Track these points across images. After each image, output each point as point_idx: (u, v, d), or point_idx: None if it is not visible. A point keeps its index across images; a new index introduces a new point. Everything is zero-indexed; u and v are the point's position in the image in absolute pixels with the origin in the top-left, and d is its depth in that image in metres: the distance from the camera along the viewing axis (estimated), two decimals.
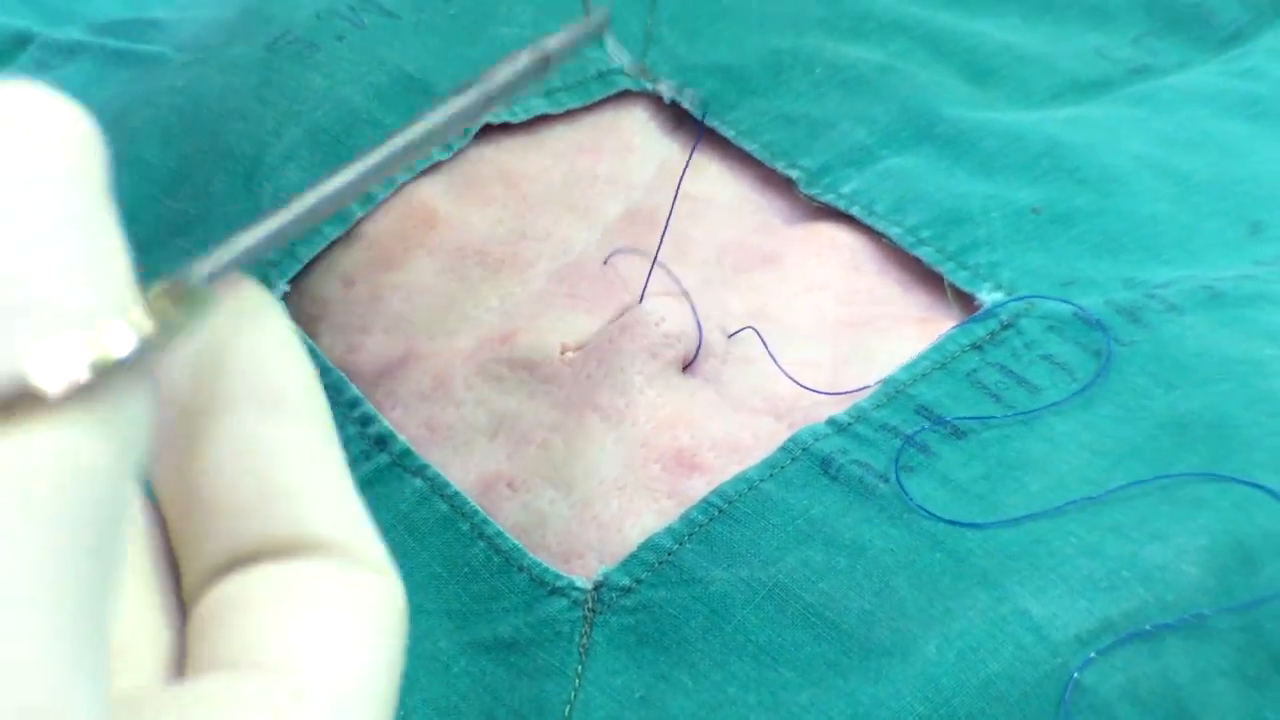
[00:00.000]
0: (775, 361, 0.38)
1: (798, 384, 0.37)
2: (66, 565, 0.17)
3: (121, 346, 0.18)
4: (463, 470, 0.37)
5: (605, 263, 0.41)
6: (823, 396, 0.37)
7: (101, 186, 0.20)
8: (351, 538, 0.22)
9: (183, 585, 0.23)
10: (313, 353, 0.39)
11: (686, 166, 0.40)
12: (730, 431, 0.36)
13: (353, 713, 0.21)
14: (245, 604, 0.22)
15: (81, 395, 0.17)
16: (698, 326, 0.38)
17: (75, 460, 0.17)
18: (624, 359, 0.37)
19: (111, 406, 0.18)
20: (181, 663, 0.22)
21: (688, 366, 0.38)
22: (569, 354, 0.38)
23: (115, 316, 0.18)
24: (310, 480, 0.22)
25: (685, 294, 0.39)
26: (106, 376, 0.18)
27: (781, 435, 0.36)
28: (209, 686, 0.21)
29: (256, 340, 0.23)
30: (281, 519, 0.22)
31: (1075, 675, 0.30)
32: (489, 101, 0.28)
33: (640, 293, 0.39)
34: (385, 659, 0.22)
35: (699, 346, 0.38)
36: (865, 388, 0.37)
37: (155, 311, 0.19)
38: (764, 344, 0.38)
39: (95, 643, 0.17)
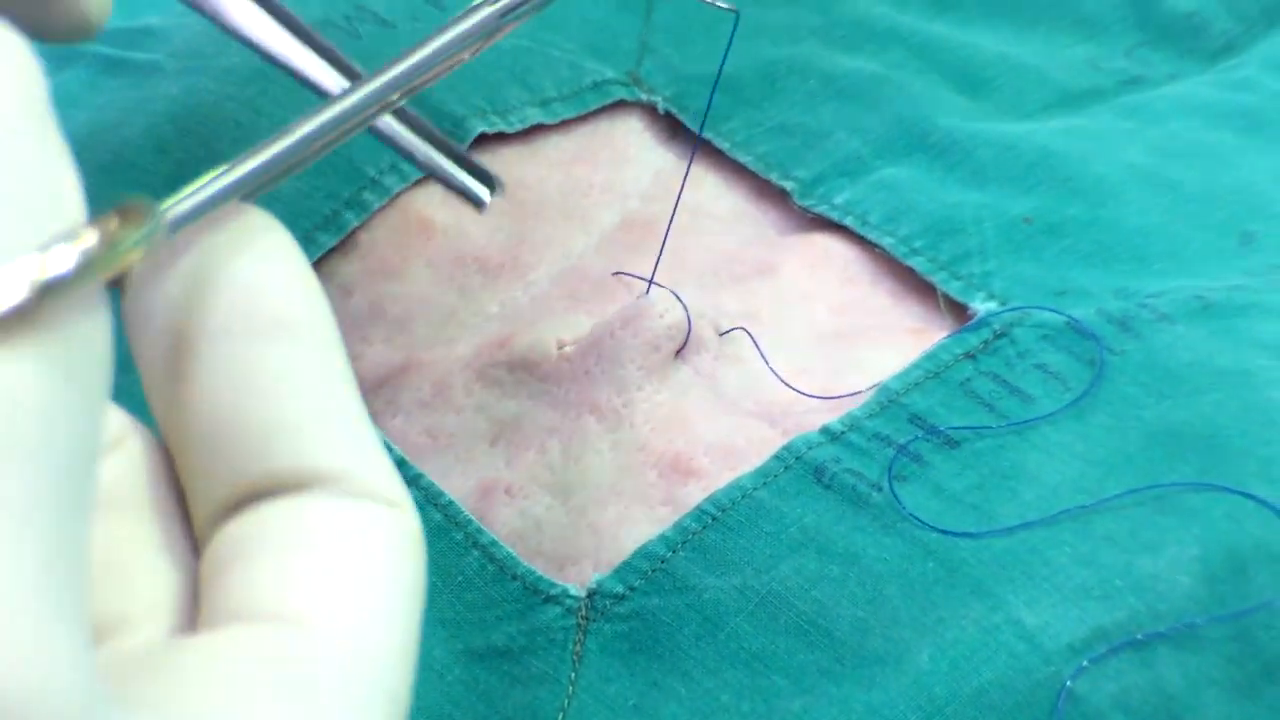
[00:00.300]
0: (765, 360, 0.38)
1: (787, 385, 0.37)
2: (18, 504, 0.16)
3: (63, 265, 0.17)
4: (463, 477, 0.37)
5: (616, 275, 0.41)
6: (815, 403, 0.37)
7: (45, 110, 0.18)
8: (360, 469, 0.21)
9: (193, 524, 0.22)
10: None
11: (685, 179, 0.41)
12: (724, 436, 0.36)
13: (366, 662, 0.20)
14: (251, 548, 0.20)
15: (21, 318, 0.16)
16: (688, 320, 0.38)
17: (13, 387, 0.16)
18: (625, 352, 0.37)
19: (57, 330, 0.17)
20: (196, 608, 0.21)
21: (679, 352, 0.38)
22: (567, 348, 0.38)
23: (60, 239, 0.17)
24: (314, 409, 0.21)
25: (676, 294, 0.39)
26: (48, 297, 0.16)
27: (775, 441, 0.36)
28: (215, 644, 0.20)
29: (255, 260, 0.21)
30: (284, 453, 0.21)
31: (1068, 684, 0.30)
32: (453, 50, 0.28)
33: (642, 290, 0.39)
34: (402, 597, 0.21)
35: (688, 335, 0.38)
36: (857, 393, 0.37)
37: (104, 233, 0.18)
38: (754, 342, 0.38)
39: (64, 588, 0.16)
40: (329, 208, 0.42)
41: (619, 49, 0.47)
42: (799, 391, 0.37)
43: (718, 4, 0.39)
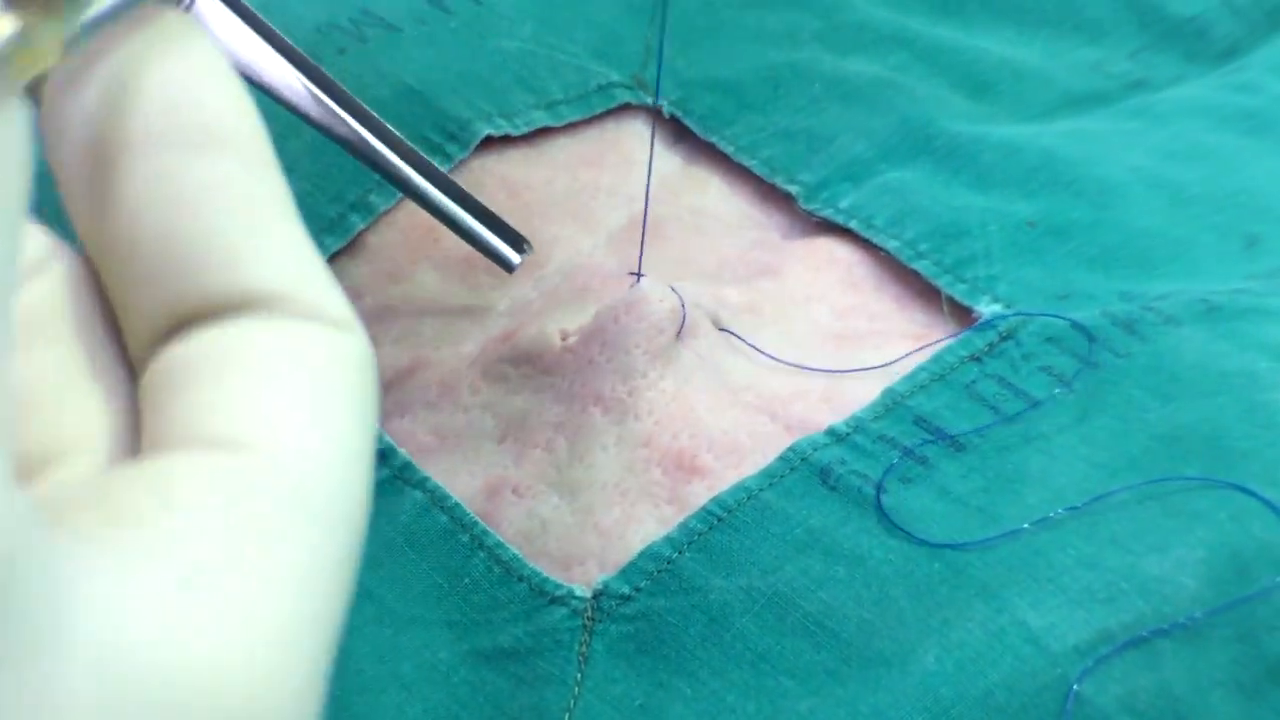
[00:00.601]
0: (753, 346, 0.38)
1: (777, 360, 0.37)
2: None
3: None
4: (470, 476, 0.37)
5: (631, 274, 0.41)
6: (817, 398, 0.37)
7: None
8: (301, 290, 0.20)
9: (129, 350, 0.21)
10: None
11: (652, 176, 0.41)
12: (728, 431, 0.36)
13: (317, 486, 0.19)
14: (191, 373, 0.19)
15: None
16: (683, 306, 0.38)
17: None
18: (629, 338, 0.37)
19: None
20: (135, 437, 0.20)
21: (678, 335, 0.38)
22: (570, 339, 0.38)
23: None
24: (249, 225, 0.20)
25: (672, 286, 0.39)
26: None
27: (778, 437, 0.36)
28: (158, 472, 0.19)
29: (181, 66, 0.20)
30: (217, 273, 0.19)
31: (1075, 687, 0.30)
32: None
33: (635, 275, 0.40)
34: (350, 418, 0.20)
35: (683, 320, 0.38)
36: (868, 369, 0.37)
37: (19, 25, 0.16)
38: (741, 338, 0.38)
39: None
40: (335, 211, 0.42)
41: (624, 52, 0.47)
42: (804, 368, 0.37)
43: None
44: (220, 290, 0.19)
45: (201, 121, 0.20)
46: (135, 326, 0.20)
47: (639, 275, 0.40)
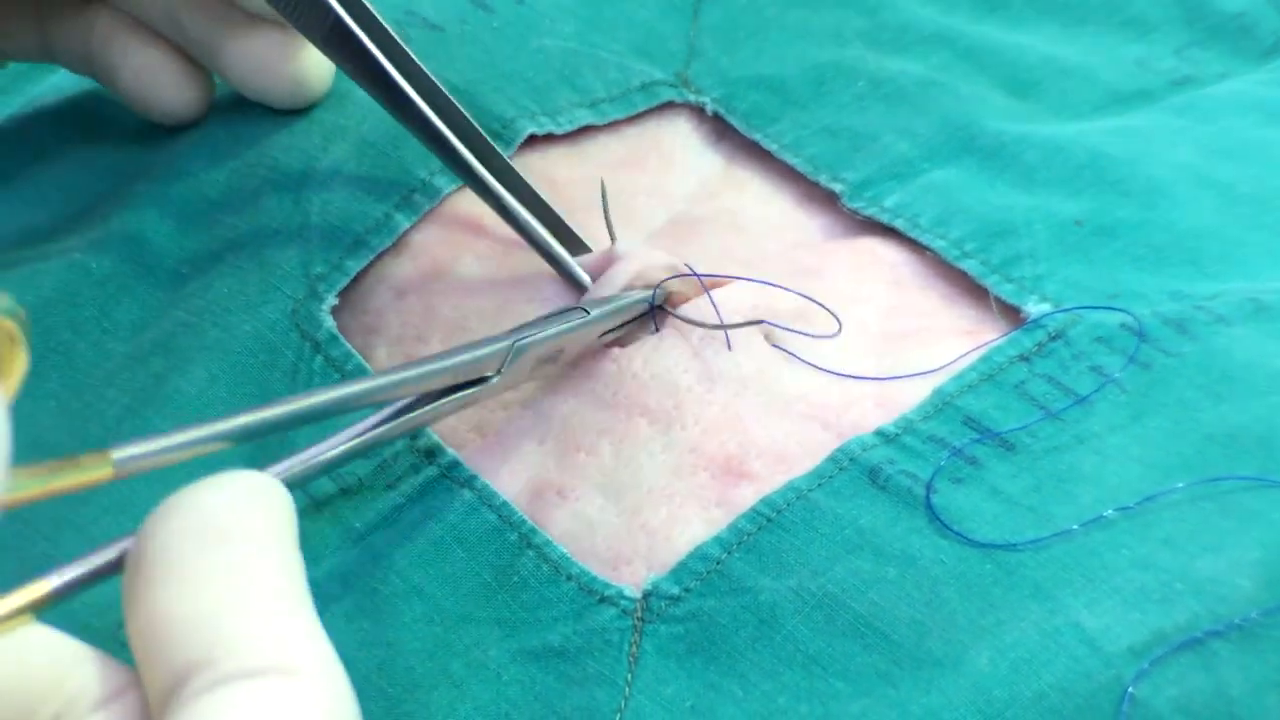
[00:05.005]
0: (806, 363, 0.38)
1: (824, 371, 0.37)
2: None
3: None
4: (512, 476, 0.37)
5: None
6: (870, 405, 0.37)
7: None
8: (276, 655, 0.24)
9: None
10: (364, 370, 0.39)
11: (692, 176, 0.40)
12: (777, 439, 0.36)
13: None
14: None
15: None
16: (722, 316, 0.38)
17: None
18: (669, 357, 0.38)
19: None
20: None
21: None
22: (615, 350, 0.38)
23: None
24: (232, 603, 0.25)
25: (707, 290, 0.39)
26: None
27: (828, 445, 0.36)
28: None
29: (208, 491, 0.26)
30: (206, 650, 0.24)
31: (1130, 689, 0.30)
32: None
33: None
34: None
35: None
36: (921, 374, 0.37)
37: None
38: (794, 355, 0.38)
39: None
40: (381, 211, 0.42)
41: (667, 51, 0.47)
42: (858, 378, 0.37)
43: None
44: (202, 661, 0.24)
45: (214, 523, 0.25)
46: (149, 688, 0.25)
47: (613, 239, 0.40)
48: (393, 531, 0.36)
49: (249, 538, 0.26)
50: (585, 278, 0.40)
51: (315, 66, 0.44)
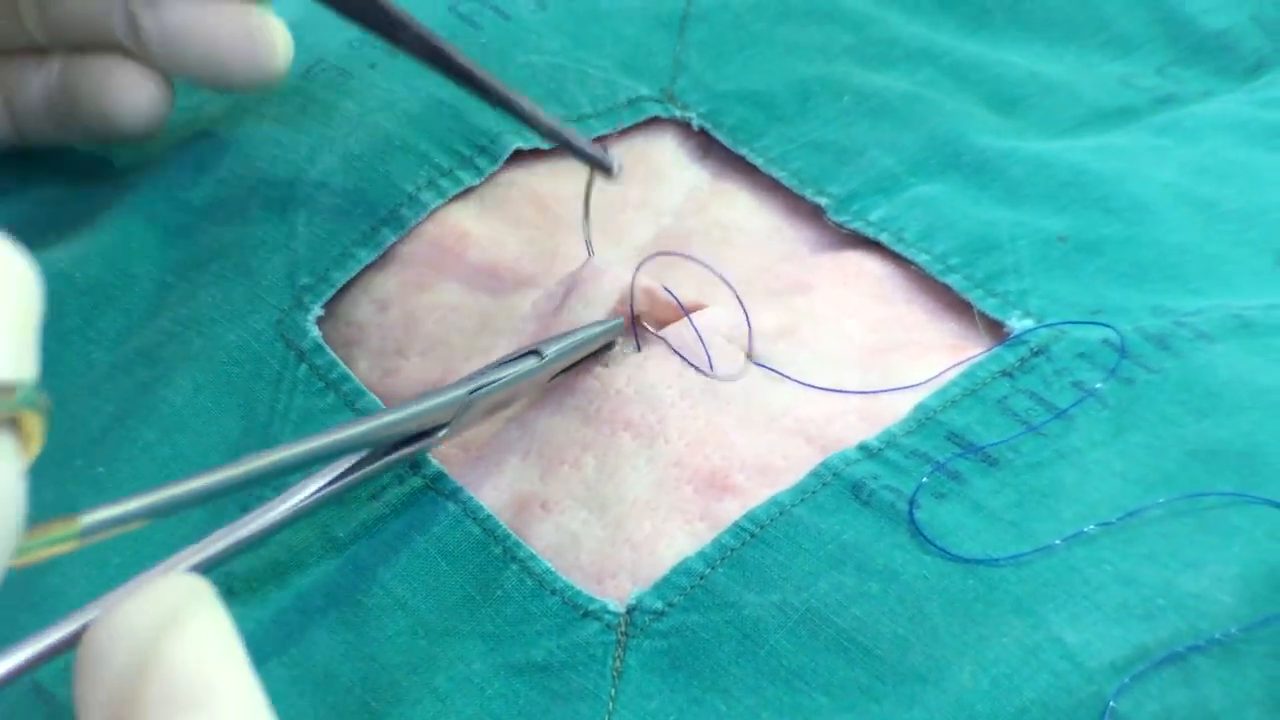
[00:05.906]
0: (790, 380, 0.38)
1: (817, 388, 0.37)
2: None
3: None
4: (495, 490, 0.37)
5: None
6: (853, 419, 0.37)
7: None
8: None
9: None
10: (348, 379, 0.39)
11: (679, 190, 0.41)
12: (760, 453, 0.36)
13: None
14: None
15: None
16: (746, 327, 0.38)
17: None
18: (653, 374, 0.38)
19: None
20: None
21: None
22: (598, 368, 0.39)
23: None
24: None
25: (687, 312, 0.39)
26: None
27: (812, 459, 0.36)
28: None
29: (180, 645, 0.25)
30: None
31: (1111, 704, 0.30)
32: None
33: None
34: None
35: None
36: (897, 389, 0.37)
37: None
38: (778, 372, 0.38)
39: None
40: (367, 224, 0.42)
41: (653, 66, 0.47)
42: (843, 392, 0.37)
43: None
44: None
45: (192, 687, 0.25)
46: None
47: (590, 254, 0.41)
48: (376, 542, 0.36)
49: (220, 689, 0.25)
50: (608, 159, 0.41)
51: (274, 35, 0.43)
